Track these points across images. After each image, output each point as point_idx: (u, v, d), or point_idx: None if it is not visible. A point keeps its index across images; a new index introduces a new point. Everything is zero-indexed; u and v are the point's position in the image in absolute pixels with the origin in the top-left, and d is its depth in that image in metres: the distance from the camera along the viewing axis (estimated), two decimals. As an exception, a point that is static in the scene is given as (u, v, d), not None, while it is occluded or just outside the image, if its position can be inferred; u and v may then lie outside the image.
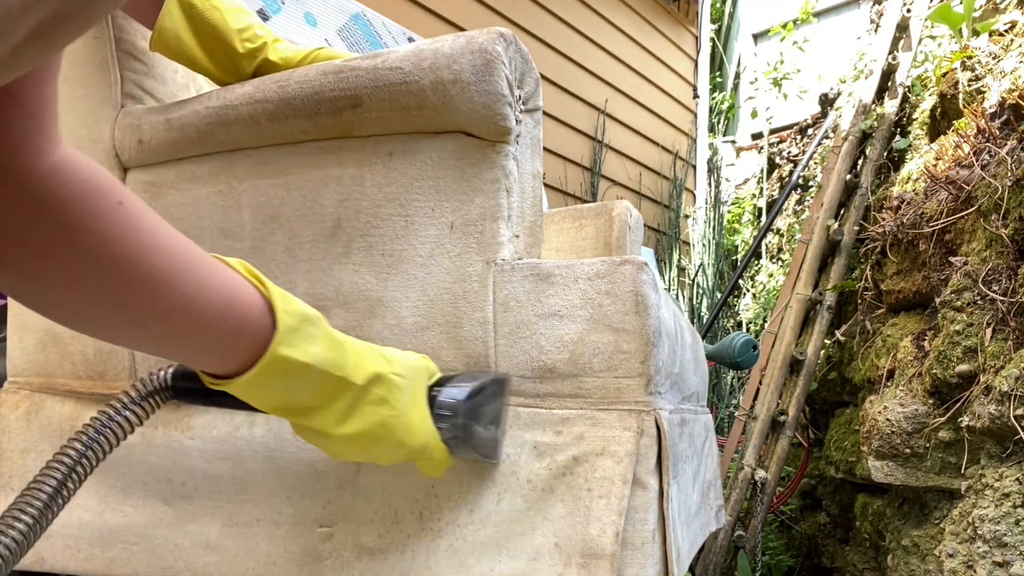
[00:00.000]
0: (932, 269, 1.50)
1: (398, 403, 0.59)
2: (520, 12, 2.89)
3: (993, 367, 1.15)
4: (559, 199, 3.05)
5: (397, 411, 0.59)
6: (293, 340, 0.51)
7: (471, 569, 0.68)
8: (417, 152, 0.73)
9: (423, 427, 0.62)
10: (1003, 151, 1.25)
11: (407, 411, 0.60)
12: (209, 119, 0.77)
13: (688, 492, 0.89)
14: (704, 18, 4.17)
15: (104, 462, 0.81)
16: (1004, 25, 1.61)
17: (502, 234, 0.71)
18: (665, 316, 0.73)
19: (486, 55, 0.67)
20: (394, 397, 0.59)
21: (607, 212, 1.37)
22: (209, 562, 0.77)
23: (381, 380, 0.58)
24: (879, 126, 2.27)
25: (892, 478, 1.37)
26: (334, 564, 0.73)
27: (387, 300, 0.74)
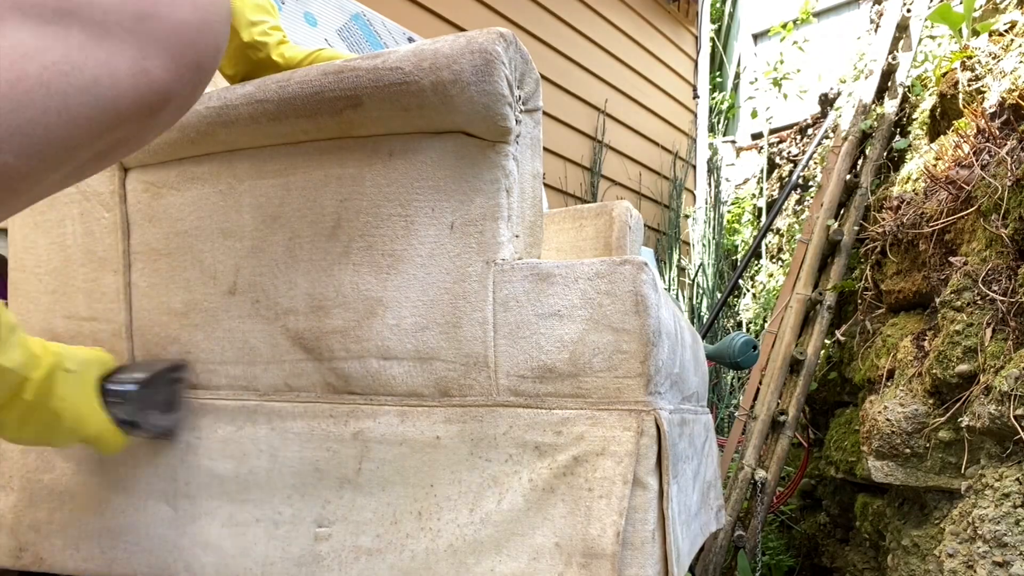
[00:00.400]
0: (932, 269, 1.50)
1: (68, 396, 0.66)
2: (520, 12, 2.89)
3: (993, 367, 1.15)
4: (559, 199, 3.05)
5: (67, 403, 0.66)
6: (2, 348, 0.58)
7: (471, 569, 0.68)
8: (417, 152, 0.73)
9: (93, 417, 0.69)
10: (1003, 151, 1.25)
11: (77, 403, 0.68)
12: (210, 119, 0.77)
13: (688, 492, 0.89)
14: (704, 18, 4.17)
15: (106, 462, 0.81)
16: (1004, 25, 1.61)
17: (502, 234, 0.71)
18: (665, 316, 0.73)
19: (486, 55, 0.67)
20: (63, 390, 0.66)
21: (607, 212, 1.37)
22: (207, 562, 0.77)
23: (55, 374, 0.65)
24: (879, 126, 2.27)
25: (892, 478, 1.37)
26: (332, 564, 0.73)
27: (387, 300, 0.74)
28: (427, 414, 0.73)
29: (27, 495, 0.85)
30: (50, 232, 0.86)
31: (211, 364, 0.81)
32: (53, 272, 0.87)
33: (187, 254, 0.82)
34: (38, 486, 0.85)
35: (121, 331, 0.85)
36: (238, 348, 0.80)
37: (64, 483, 0.84)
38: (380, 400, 0.74)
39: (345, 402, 0.76)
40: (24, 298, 0.89)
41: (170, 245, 0.82)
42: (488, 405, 0.71)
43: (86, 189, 0.84)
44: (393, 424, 0.73)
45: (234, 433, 0.79)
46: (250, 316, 0.79)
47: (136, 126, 0.41)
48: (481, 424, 0.71)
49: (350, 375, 0.75)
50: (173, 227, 0.82)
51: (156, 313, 0.83)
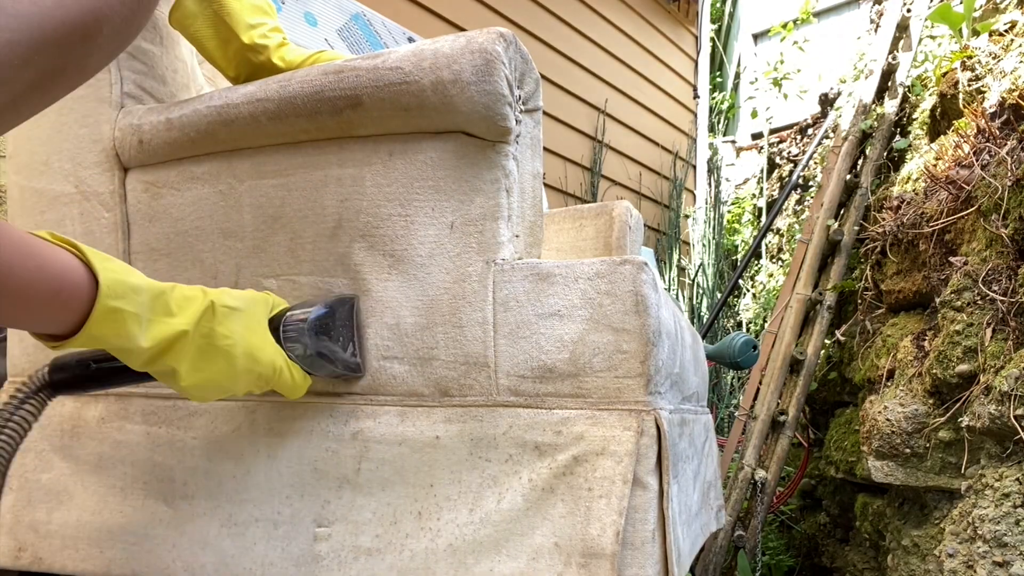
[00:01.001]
0: (932, 269, 1.50)
1: (233, 332, 0.63)
2: (520, 12, 2.89)
3: (993, 367, 1.15)
4: (559, 199, 3.05)
5: (233, 339, 0.62)
6: (119, 291, 0.54)
7: (470, 569, 0.68)
8: (417, 152, 0.73)
9: (268, 348, 0.66)
10: (1003, 151, 1.25)
11: (245, 336, 0.64)
12: (210, 118, 0.77)
13: (688, 492, 0.89)
14: (704, 18, 4.17)
15: (106, 461, 0.81)
16: (1004, 25, 1.61)
17: (502, 234, 0.71)
18: (665, 316, 0.73)
19: (486, 55, 0.67)
20: (226, 327, 0.62)
21: (607, 212, 1.37)
22: (207, 562, 0.77)
23: (212, 313, 0.62)
24: (879, 126, 2.27)
25: (892, 478, 1.37)
26: (332, 564, 0.73)
27: (387, 300, 0.74)
28: (427, 414, 0.73)
29: (26, 495, 0.85)
30: (50, 232, 0.86)
31: (211, 364, 0.81)
32: (53, 272, 0.87)
33: (188, 254, 0.82)
34: (36, 486, 0.85)
35: (121, 331, 0.85)
36: (238, 348, 0.80)
37: (63, 483, 0.84)
38: (380, 400, 0.74)
39: (345, 402, 0.76)
40: (24, 298, 0.89)
41: (171, 245, 0.82)
42: (488, 405, 0.71)
43: (86, 189, 0.84)
44: (393, 424, 0.73)
45: (231, 433, 0.79)
46: (250, 316, 0.79)
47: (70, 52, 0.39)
48: (481, 424, 0.71)
49: (350, 375, 0.75)
50: (174, 227, 0.82)
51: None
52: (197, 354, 0.60)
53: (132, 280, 0.56)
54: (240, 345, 0.63)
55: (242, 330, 0.64)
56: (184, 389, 0.61)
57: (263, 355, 0.65)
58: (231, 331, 0.62)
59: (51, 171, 0.85)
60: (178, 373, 0.60)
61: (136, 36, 0.45)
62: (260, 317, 0.67)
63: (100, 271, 0.53)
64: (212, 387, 0.63)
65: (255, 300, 0.68)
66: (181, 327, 0.59)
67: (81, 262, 0.53)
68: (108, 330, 0.54)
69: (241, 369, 0.63)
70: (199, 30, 0.85)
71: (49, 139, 0.85)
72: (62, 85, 0.42)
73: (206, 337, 0.61)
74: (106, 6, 0.40)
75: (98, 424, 0.84)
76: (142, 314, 0.56)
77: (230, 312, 0.63)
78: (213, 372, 0.62)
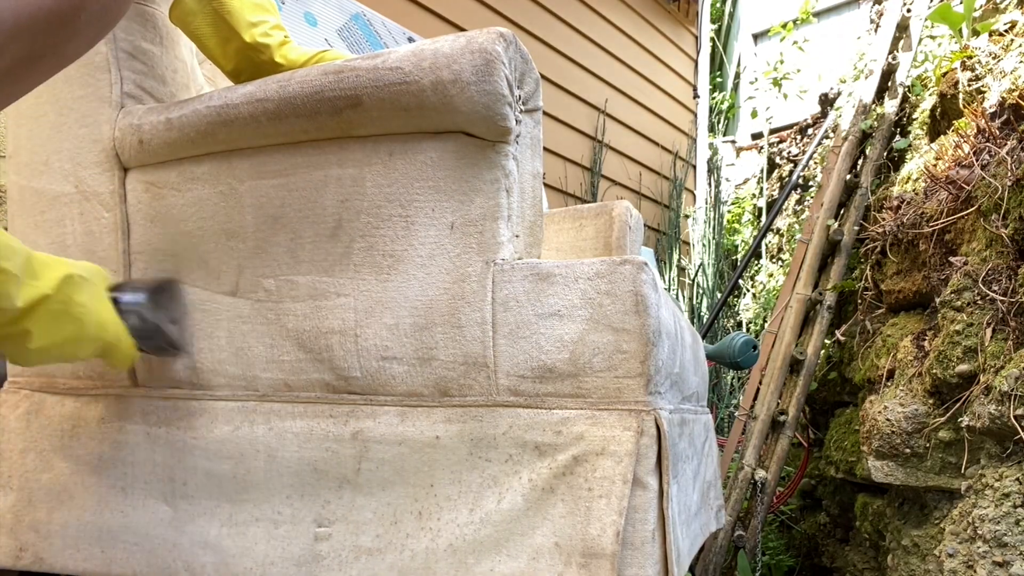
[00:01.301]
0: (932, 269, 1.50)
1: (86, 301, 0.66)
2: (520, 12, 2.89)
3: (993, 367, 1.15)
4: (559, 199, 3.05)
5: (87, 307, 0.66)
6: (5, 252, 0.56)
7: (471, 569, 0.68)
8: (417, 152, 0.73)
9: (112, 321, 0.69)
10: (1003, 151, 1.25)
11: (96, 306, 0.67)
12: (210, 118, 0.77)
13: (688, 492, 0.89)
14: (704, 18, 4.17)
15: (106, 461, 0.81)
16: (1004, 25, 1.61)
17: (502, 234, 0.71)
18: (665, 316, 0.73)
19: (486, 55, 0.67)
20: (81, 296, 0.65)
21: (607, 212, 1.37)
22: (207, 562, 0.77)
23: (70, 281, 0.64)
24: (879, 126, 2.27)
25: (892, 478, 1.37)
26: (332, 564, 0.73)
27: (387, 300, 0.74)
28: (427, 414, 0.73)
29: (26, 495, 0.85)
30: (50, 232, 0.86)
31: (211, 364, 0.81)
32: (53, 272, 0.87)
33: (193, 255, 0.82)
34: (37, 486, 0.85)
35: (121, 331, 0.85)
36: (238, 348, 0.80)
37: (63, 483, 0.84)
38: (380, 400, 0.74)
39: (344, 402, 0.76)
40: (24, 298, 0.89)
41: (175, 246, 0.82)
42: (488, 405, 0.71)
43: (86, 189, 0.84)
44: (393, 424, 0.73)
45: (231, 433, 0.79)
46: (251, 316, 0.79)
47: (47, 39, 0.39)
48: (481, 424, 0.71)
49: (350, 375, 0.75)
50: (176, 227, 0.82)
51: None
52: (51, 319, 0.63)
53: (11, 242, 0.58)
54: (92, 314, 0.66)
55: (93, 300, 0.67)
56: (29, 352, 0.63)
57: (110, 325, 0.69)
58: (84, 300, 0.66)
59: (51, 171, 0.85)
60: (31, 335, 0.62)
61: (116, 22, 0.45)
62: (102, 288, 0.71)
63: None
64: (57, 351, 0.65)
65: (97, 272, 0.71)
66: (44, 291, 0.61)
67: None
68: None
69: (90, 336, 0.67)
70: (199, 28, 0.85)
71: (49, 139, 0.85)
72: (39, 71, 0.42)
73: (64, 303, 0.64)
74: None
75: (98, 424, 0.84)
76: (20, 276, 0.58)
77: (83, 282, 0.66)
78: (64, 337, 0.64)
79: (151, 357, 0.83)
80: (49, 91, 0.84)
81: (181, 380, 0.83)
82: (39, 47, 0.39)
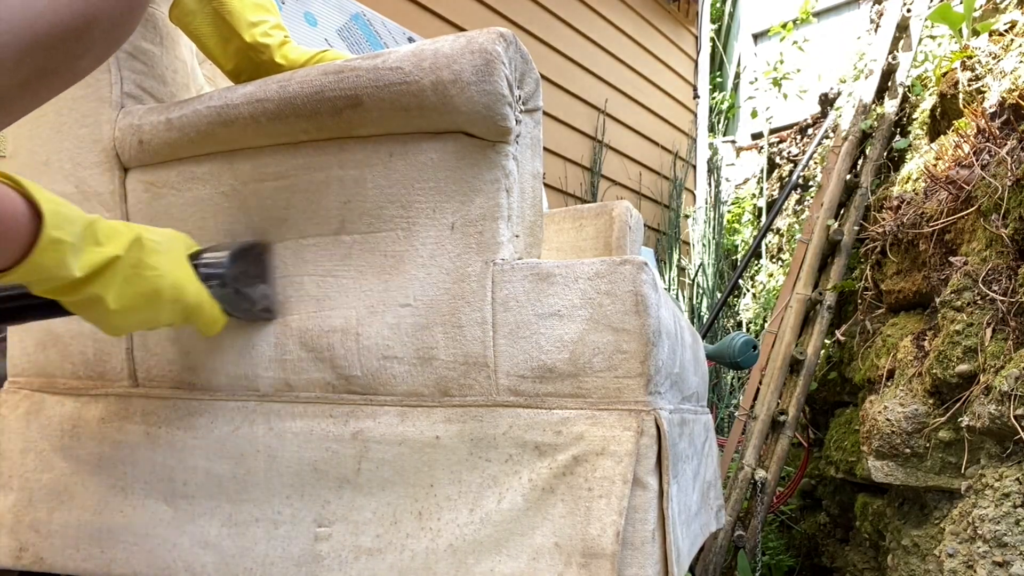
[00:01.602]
0: (932, 269, 1.50)
1: (161, 265, 0.65)
2: (520, 12, 2.89)
3: (993, 367, 1.15)
4: (559, 199, 3.05)
5: (162, 271, 0.65)
6: (58, 222, 0.56)
7: (471, 569, 0.68)
8: (417, 153, 0.73)
9: (193, 284, 0.68)
10: (1003, 151, 1.25)
11: (173, 271, 0.66)
12: (210, 118, 0.77)
13: (688, 492, 0.89)
14: (704, 18, 4.17)
15: (106, 461, 0.81)
16: (1004, 25, 1.61)
17: (502, 234, 0.71)
18: (665, 316, 0.73)
19: (486, 55, 0.67)
20: (155, 261, 0.64)
21: (607, 212, 1.37)
22: (207, 562, 0.77)
23: (140, 245, 0.64)
24: (879, 126, 2.27)
25: (892, 478, 1.37)
26: (332, 564, 0.73)
27: (388, 300, 0.74)
28: (427, 414, 0.73)
29: (27, 495, 0.85)
30: (50, 232, 0.86)
31: (211, 364, 0.81)
32: (53, 272, 0.87)
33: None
34: (37, 486, 0.85)
35: (121, 331, 0.85)
36: (239, 348, 0.80)
37: (63, 483, 0.84)
38: (380, 400, 0.74)
39: (345, 402, 0.76)
40: (24, 298, 0.89)
41: (170, 245, 0.82)
42: (488, 405, 0.71)
43: (86, 189, 0.84)
44: (393, 424, 0.73)
45: (231, 433, 0.79)
46: (250, 316, 0.79)
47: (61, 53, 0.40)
48: (481, 424, 0.71)
49: (350, 374, 0.75)
50: (176, 228, 0.82)
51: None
52: (124, 283, 0.62)
53: (67, 211, 0.57)
54: (167, 277, 0.65)
55: (168, 263, 0.66)
56: (110, 315, 0.62)
57: (189, 287, 0.68)
58: (158, 263, 0.65)
59: (51, 171, 0.85)
60: (104, 300, 0.61)
61: (127, 38, 0.46)
62: (182, 253, 0.69)
63: (42, 203, 0.54)
64: (136, 316, 0.64)
65: (175, 237, 0.70)
66: (112, 253, 0.61)
67: (21, 195, 0.54)
68: (49, 260, 0.55)
69: (167, 299, 0.65)
70: (199, 27, 0.85)
71: (49, 139, 0.85)
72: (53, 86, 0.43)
73: (135, 267, 0.63)
74: (96, 9, 0.40)
75: (98, 424, 0.84)
76: (76, 243, 0.57)
77: (156, 245, 0.65)
78: (140, 300, 0.63)
79: (150, 356, 0.83)
80: (49, 91, 0.84)
81: (181, 380, 0.83)
82: (54, 61, 0.40)
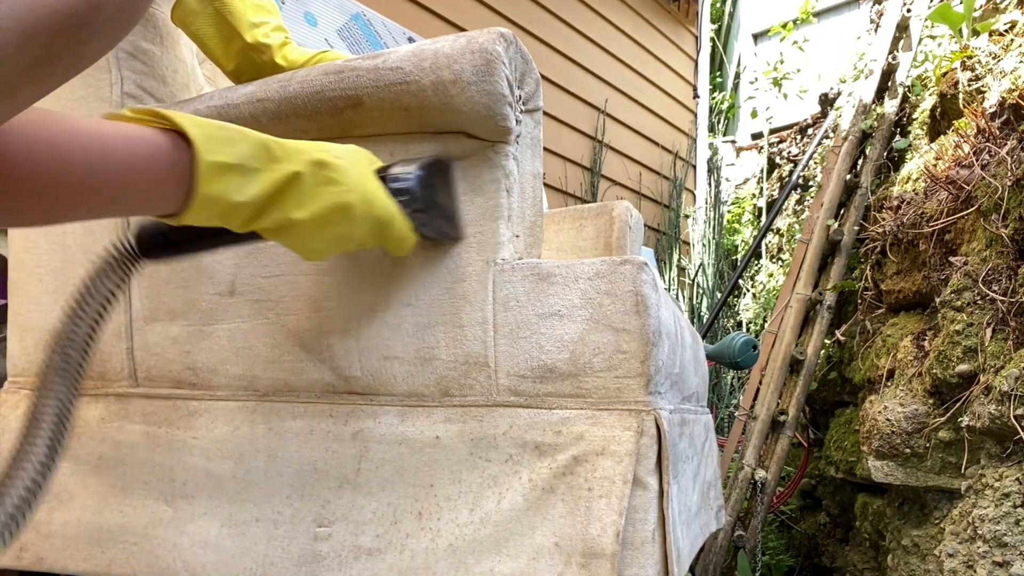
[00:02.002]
0: (932, 269, 1.50)
1: (347, 180, 0.61)
2: (520, 12, 2.89)
3: (993, 367, 1.15)
4: (559, 199, 3.05)
5: (349, 186, 0.61)
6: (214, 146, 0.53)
7: (471, 569, 0.68)
8: (418, 152, 0.73)
9: (383, 197, 0.63)
10: (1003, 151, 1.25)
11: (361, 185, 0.62)
12: (210, 118, 0.77)
13: (688, 492, 0.89)
14: (704, 18, 4.17)
15: (106, 461, 0.81)
16: (1004, 25, 1.61)
17: (502, 234, 0.71)
18: (665, 316, 0.73)
19: (486, 55, 0.67)
20: (341, 176, 0.60)
21: (607, 212, 1.37)
22: (207, 562, 0.77)
23: (323, 163, 0.60)
24: (879, 126, 2.27)
25: (892, 478, 1.37)
26: (332, 564, 0.73)
27: (388, 300, 0.74)
28: (427, 414, 0.73)
29: (27, 495, 0.85)
30: (50, 232, 0.86)
31: (211, 364, 0.81)
32: (54, 272, 0.87)
33: None
34: (38, 486, 0.85)
35: (121, 331, 0.85)
36: (238, 348, 0.80)
37: (63, 483, 0.84)
38: (380, 400, 0.74)
39: (345, 402, 0.76)
40: (24, 298, 0.89)
41: (170, 245, 0.82)
42: (488, 405, 0.71)
43: (86, 189, 0.84)
44: (393, 424, 0.73)
45: (231, 433, 0.79)
46: (251, 316, 0.79)
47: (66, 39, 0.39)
48: (481, 424, 0.71)
49: (350, 375, 0.75)
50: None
51: (156, 313, 0.83)
52: (311, 197, 0.58)
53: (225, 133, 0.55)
54: (356, 192, 0.61)
55: (355, 176, 0.62)
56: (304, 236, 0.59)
57: (379, 200, 0.63)
58: (345, 178, 0.61)
59: (51, 171, 0.85)
60: (293, 221, 0.58)
61: (135, 24, 0.45)
62: (367, 168, 0.65)
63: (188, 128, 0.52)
64: (330, 233, 0.61)
65: (358, 152, 0.66)
66: (293, 169, 0.57)
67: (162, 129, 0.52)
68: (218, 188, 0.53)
69: (360, 215, 0.61)
70: (201, 28, 0.85)
71: (49, 139, 0.85)
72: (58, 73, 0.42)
73: (322, 184, 0.59)
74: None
75: (98, 424, 0.84)
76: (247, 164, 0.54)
77: (339, 160, 0.61)
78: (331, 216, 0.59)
79: (150, 356, 0.83)
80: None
81: (181, 380, 0.83)
82: (57, 48, 0.39)
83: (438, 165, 0.69)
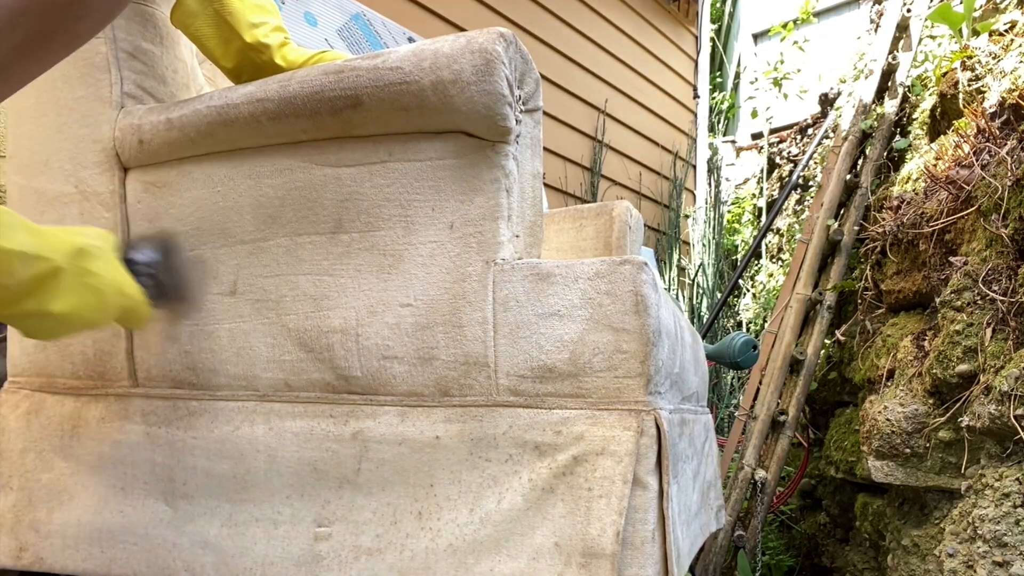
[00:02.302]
0: (932, 269, 1.50)
1: (102, 270, 0.65)
2: (520, 12, 2.89)
3: (993, 367, 1.15)
4: (559, 199, 3.05)
5: (103, 276, 0.65)
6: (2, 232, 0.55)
7: (471, 569, 0.68)
8: (417, 152, 0.73)
9: (129, 283, 0.69)
10: (1003, 151, 1.25)
11: (112, 273, 0.66)
12: (210, 118, 0.77)
13: (688, 492, 0.89)
14: (704, 18, 4.17)
15: (106, 461, 0.81)
16: (1004, 25, 1.61)
17: (502, 234, 0.71)
18: (665, 316, 0.73)
19: (486, 55, 0.67)
20: (95, 265, 0.65)
21: (607, 212, 1.37)
22: (207, 562, 0.77)
23: (82, 252, 0.64)
24: (879, 126, 2.27)
25: (892, 478, 1.37)
26: (332, 564, 0.73)
27: (388, 299, 0.74)
28: (427, 414, 0.73)
29: (26, 495, 0.85)
30: (50, 232, 0.86)
31: (211, 364, 0.81)
32: (53, 272, 0.87)
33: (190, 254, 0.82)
34: (37, 486, 0.85)
35: (121, 331, 0.85)
36: (238, 348, 0.80)
37: (63, 483, 0.84)
38: (380, 400, 0.74)
39: (345, 402, 0.76)
40: (24, 298, 0.89)
41: (170, 245, 0.82)
42: (488, 405, 0.71)
43: (86, 189, 0.84)
44: (393, 424, 0.73)
45: (231, 433, 0.79)
46: (251, 316, 0.79)
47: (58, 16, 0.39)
48: (481, 424, 0.71)
49: (350, 375, 0.75)
50: (175, 227, 0.82)
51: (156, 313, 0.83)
52: (68, 291, 0.62)
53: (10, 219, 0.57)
54: (109, 282, 0.66)
55: (107, 266, 0.66)
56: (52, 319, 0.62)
57: (128, 288, 0.68)
58: (101, 269, 0.65)
59: (51, 171, 0.85)
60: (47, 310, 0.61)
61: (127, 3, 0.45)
62: (113, 254, 0.70)
63: None
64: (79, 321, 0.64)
65: (104, 237, 0.70)
66: (56, 264, 0.60)
67: None
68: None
69: (112, 304, 0.66)
70: (200, 29, 0.85)
71: (49, 139, 0.85)
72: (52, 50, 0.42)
73: (80, 276, 0.63)
74: None
75: (98, 424, 0.84)
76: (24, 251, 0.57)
77: (96, 250, 0.66)
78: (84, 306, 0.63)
79: (150, 356, 0.83)
80: (49, 91, 0.84)
81: (181, 380, 0.83)
82: (50, 23, 0.39)
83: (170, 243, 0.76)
